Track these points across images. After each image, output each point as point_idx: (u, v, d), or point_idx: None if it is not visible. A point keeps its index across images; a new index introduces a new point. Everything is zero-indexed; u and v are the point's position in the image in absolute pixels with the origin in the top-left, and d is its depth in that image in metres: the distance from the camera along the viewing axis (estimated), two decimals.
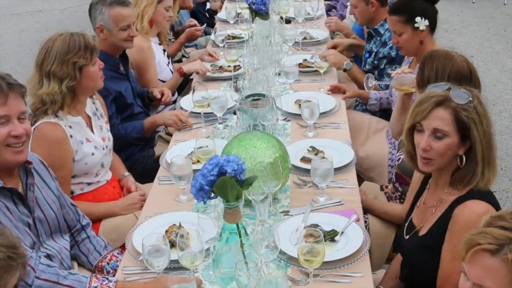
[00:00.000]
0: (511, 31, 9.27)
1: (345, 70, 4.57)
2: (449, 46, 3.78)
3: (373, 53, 4.56)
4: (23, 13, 11.04)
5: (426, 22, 3.76)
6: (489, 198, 2.39)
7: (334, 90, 4.24)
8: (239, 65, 4.49)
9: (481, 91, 3.05)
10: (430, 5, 3.85)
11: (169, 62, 4.80)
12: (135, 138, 4.01)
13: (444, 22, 9.56)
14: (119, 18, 3.93)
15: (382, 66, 4.51)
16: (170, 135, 3.99)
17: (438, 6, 3.96)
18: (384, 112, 4.49)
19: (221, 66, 4.64)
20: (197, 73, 4.57)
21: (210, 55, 4.87)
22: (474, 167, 2.38)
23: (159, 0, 4.59)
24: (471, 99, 2.36)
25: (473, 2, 10.62)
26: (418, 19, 3.76)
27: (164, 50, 4.78)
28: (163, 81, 4.65)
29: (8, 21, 10.62)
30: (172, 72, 4.75)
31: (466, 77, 2.96)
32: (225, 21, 5.67)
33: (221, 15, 6.11)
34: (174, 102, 4.60)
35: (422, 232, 2.54)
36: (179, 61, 5.35)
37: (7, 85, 2.56)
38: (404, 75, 3.41)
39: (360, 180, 3.90)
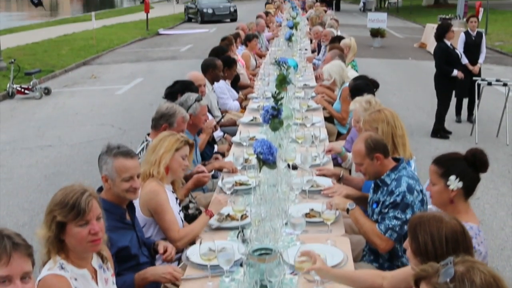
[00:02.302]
0: None
1: (347, 211, 4.59)
2: None
3: (380, 202, 4.57)
4: (34, 147, 11.23)
5: (460, 184, 3.75)
6: None
7: None
8: (245, 214, 4.51)
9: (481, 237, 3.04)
10: (472, 171, 3.83)
11: (180, 210, 4.81)
12: None
13: None
14: (122, 169, 4.00)
15: (385, 211, 4.51)
16: (176, 285, 3.94)
17: (443, 146, 4.00)
18: (391, 263, 4.46)
19: (228, 215, 4.66)
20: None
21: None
22: None
23: (177, 148, 4.67)
24: (448, 280, 2.29)
25: (476, 143, 10.76)
26: (452, 177, 3.76)
27: (176, 198, 4.80)
28: None
29: (18, 155, 10.78)
30: (182, 221, 4.75)
31: (462, 233, 2.96)
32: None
33: (228, 159, 6.20)
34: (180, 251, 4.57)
35: None
36: (186, 207, 5.36)
37: (12, 245, 2.56)
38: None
39: None
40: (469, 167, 3.81)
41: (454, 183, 3.74)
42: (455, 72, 10.91)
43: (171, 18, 42.92)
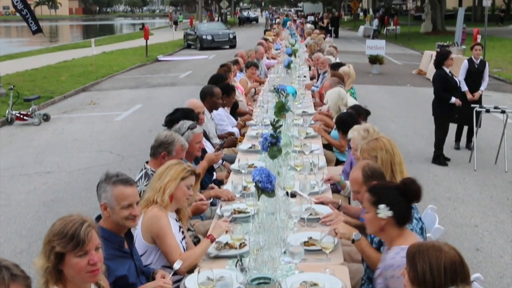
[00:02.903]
0: None
1: (353, 241, 4.57)
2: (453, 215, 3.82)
3: None
4: (32, 173, 11.20)
5: (389, 213, 3.81)
6: None
7: None
8: (244, 242, 4.50)
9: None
10: (403, 200, 3.88)
11: (183, 239, 4.77)
12: None
13: (447, 190, 9.69)
14: (121, 197, 4.01)
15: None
16: None
17: (441, 173, 4.02)
18: None
19: (227, 243, 4.64)
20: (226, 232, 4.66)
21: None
22: None
23: (182, 177, 4.67)
24: None
25: (475, 170, 10.79)
26: (381, 206, 3.82)
27: (180, 227, 4.78)
28: None
29: (16, 181, 10.75)
30: (184, 249, 4.73)
31: (460, 264, 2.98)
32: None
33: (227, 187, 6.18)
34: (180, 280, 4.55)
35: None
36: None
37: (10, 276, 2.56)
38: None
39: None
40: (400, 196, 3.86)
41: (383, 211, 3.81)
42: (453, 99, 10.96)
43: (171, 44, 43.21)
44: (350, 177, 4.74)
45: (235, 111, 10.25)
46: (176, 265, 4.22)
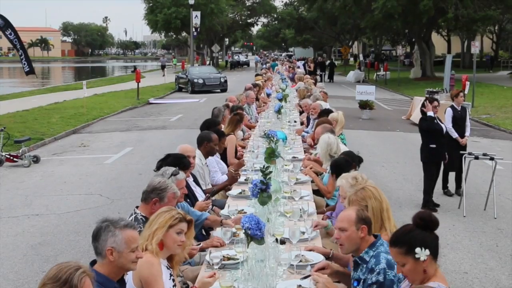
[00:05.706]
0: (503, 246, 9.34)
1: None
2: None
3: (361, 281, 4.56)
4: (20, 216, 11.12)
5: (427, 251, 3.79)
6: None
7: None
8: None
9: None
10: (429, 233, 3.89)
11: (174, 286, 4.74)
12: None
13: None
14: (131, 240, 4.07)
15: None
16: None
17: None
18: None
19: None
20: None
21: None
22: None
23: (170, 225, 4.65)
24: None
25: (464, 216, 10.81)
26: (418, 250, 3.79)
27: (171, 275, 4.75)
28: None
29: (4, 224, 10.66)
30: None
31: None
32: None
33: (217, 233, 6.16)
34: None
35: None
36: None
37: None
38: None
39: None
40: (425, 232, 3.87)
41: (423, 253, 3.78)
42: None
43: (162, 87, 43.41)
44: (341, 215, 4.70)
45: (235, 156, 10.35)
46: None
